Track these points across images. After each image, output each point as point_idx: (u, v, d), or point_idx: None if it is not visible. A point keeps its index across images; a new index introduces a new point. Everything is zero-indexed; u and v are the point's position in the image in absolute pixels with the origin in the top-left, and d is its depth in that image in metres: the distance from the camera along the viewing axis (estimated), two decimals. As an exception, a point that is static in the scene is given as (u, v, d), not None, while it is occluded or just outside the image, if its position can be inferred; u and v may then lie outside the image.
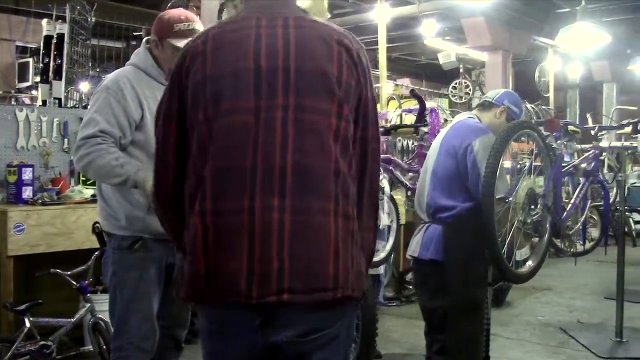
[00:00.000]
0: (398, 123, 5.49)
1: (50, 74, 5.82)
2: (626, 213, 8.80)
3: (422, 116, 4.18)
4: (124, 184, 3.05)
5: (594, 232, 6.78)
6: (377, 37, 8.63)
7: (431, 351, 3.77)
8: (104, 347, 4.24)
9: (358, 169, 2.00)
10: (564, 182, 4.59)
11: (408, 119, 6.88)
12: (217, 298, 1.88)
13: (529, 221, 3.57)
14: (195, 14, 3.32)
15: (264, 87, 1.89)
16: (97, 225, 3.54)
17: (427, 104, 4.42)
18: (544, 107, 11.35)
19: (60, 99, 5.70)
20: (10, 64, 10.22)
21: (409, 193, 4.46)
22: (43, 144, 5.26)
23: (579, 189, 4.67)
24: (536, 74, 13.33)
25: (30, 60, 8.94)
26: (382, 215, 4.24)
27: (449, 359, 3.67)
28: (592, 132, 5.08)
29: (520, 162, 3.97)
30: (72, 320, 4.32)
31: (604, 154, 5.65)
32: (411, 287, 6.77)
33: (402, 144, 7.42)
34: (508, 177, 3.69)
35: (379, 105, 8.29)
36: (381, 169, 4.23)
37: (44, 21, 6.13)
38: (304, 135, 1.88)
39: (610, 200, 5.89)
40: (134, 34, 8.19)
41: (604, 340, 5.69)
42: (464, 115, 4.00)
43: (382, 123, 4.68)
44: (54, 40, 5.83)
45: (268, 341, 1.91)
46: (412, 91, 4.26)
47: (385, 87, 8.52)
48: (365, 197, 2.04)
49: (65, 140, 5.35)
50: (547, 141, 3.89)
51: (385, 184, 4.21)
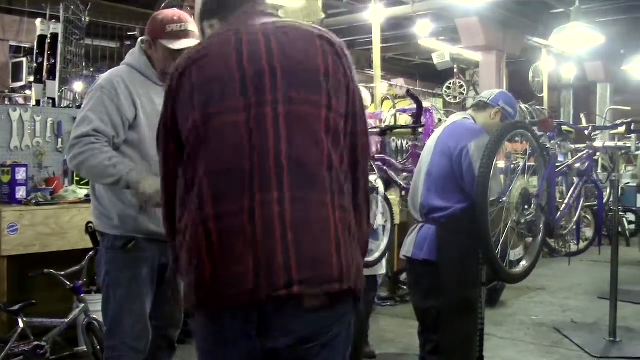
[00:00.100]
0: (392, 123, 5.49)
1: (44, 73, 5.82)
2: (620, 213, 8.82)
3: (420, 117, 4.17)
4: (116, 184, 3.05)
5: (588, 232, 6.81)
6: (371, 37, 8.63)
7: (425, 351, 3.78)
8: (98, 347, 4.24)
9: (349, 164, 2.00)
10: (558, 182, 4.59)
11: (402, 119, 6.89)
12: (225, 301, 1.85)
13: (522, 221, 3.57)
14: (189, 14, 3.31)
15: (250, 90, 1.89)
16: (91, 225, 3.53)
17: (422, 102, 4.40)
18: (537, 107, 11.39)
19: (54, 99, 5.69)
20: (4, 64, 10.17)
21: (403, 193, 4.45)
22: (37, 143, 5.25)
23: (572, 189, 4.66)
24: (530, 74, 13.34)
25: (24, 60, 8.90)
26: (377, 215, 4.24)
27: (443, 359, 3.67)
28: (586, 132, 5.08)
29: (514, 162, 3.96)
30: (66, 320, 4.32)
31: (598, 154, 5.66)
32: (405, 287, 6.77)
33: (397, 144, 7.43)
34: (502, 177, 3.69)
35: (373, 105, 8.29)
36: (375, 169, 4.23)
37: (38, 21, 6.11)
38: (296, 129, 1.89)
39: (604, 200, 5.90)
40: (128, 33, 8.17)
41: (597, 340, 5.71)
42: (459, 115, 4.00)
43: (377, 123, 4.65)
44: (48, 40, 5.82)
45: (267, 347, 1.90)
46: (409, 91, 4.24)
47: (380, 87, 8.52)
48: (359, 192, 2.05)
49: (59, 140, 5.34)
50: (541, 141, 3.89)
51: (379, 183, 4.20)
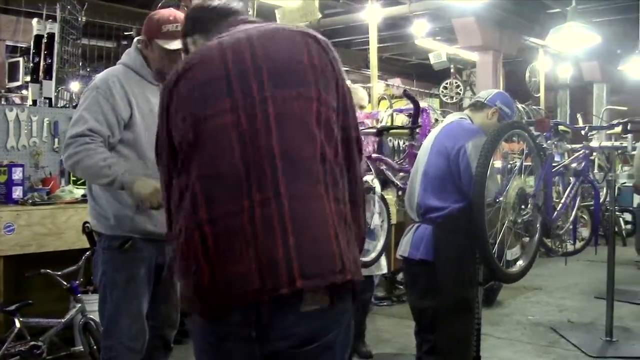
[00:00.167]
0: (389, 123, 5.48)
1: (41, 73, 5.82)
2: (616, 213, 8.82)
3: (417, 117, 4.17)
4: (111, 185, 3.05)
5: (585, 232, 6.81)
6: (368, 37, 8.64)
7: (421, 351, 3.78)
8: (95, 347, 4.24)
9: (344, 158, 1.99)
10: (555, 182, 4.60)
11: (399, 119, 6.90)
12: (229, 302, 1.84)
13: (519, 221, 3.57)
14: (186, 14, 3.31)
15: (237, 92, 1.90)
16: (88, 225, 3.53)
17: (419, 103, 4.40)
18: (534, 107, 11.40)
19: (50, 99, 5.69)
20: (0, 64, 10.17)
21: (400, 193, 4.45)
22: (33, 143, 5.25)
23: (569, 188, 4.67)
24: (527, 74, 13.37)
25: (21, 59, 8.91)
26: (373, 215, 4.24)
27: (440, 359, 3.67)
28: (583, 132, 5.08)
29: (510, 162, 3.97)
30: (63, 320, 4.31)
31: (594, 153, 5.66)
32: (402, 287, 6.77)
33: (393, 144, 7.43)
34: (499, 176, 3.69)
35: (370, 105, 8.30)
36: (372, 168, 4.23)
37: (34, 21, 6.12)
38: (287, 125, 1.88)
39: (601, 200, 5.91)
40: (125, 33, 8.15)
41: (594, 340, 5.71)
42: (456, 115, 4.00)
43: (373, 123, 4.65)
44: (45, 40, 5.83)
45: (266, 351, 1.89)
46: (405, 92, 4.24)
47: (376, 87, 8.52)
48: (355, 187, 2.04)
49: (56, 140, 5.34)
50: (537, 141, 3.89)
51: (376, 183, 4.20)
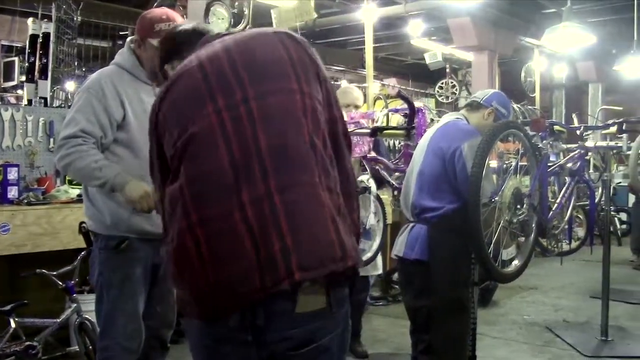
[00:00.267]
0: (385, 122, 5.48)
1: (36, 73, 5.81)
2: (612, 213, 8.84)
3: (413, 118, 4.17)
4: (102, 187, 3.06)
5: (580, 232, 6.83)
6: (363, 37, 8.63)
7: (417, 351, 3.78)
8: (90, 347, 4.23)
9: (333, 150, 1.99)
10: (550, 182, 4.60)
11: (395, 119, 6.89)
12: (228, 304, 1.83)
13: (515, 221, 3.57)
14: (181, 14, 3.31)
15: (218, 94, 1.90)
16: (84, 225, 3.53)
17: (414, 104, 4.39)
18: (530, 107, 11.41)
19: (46, 99, 5.68)
20: (-4, 63, 10.16)
21: (396, 192, 4.45)
22: (29, 143, 5.24)
23: (564, 188, 4.68)
24: (522, 74, 13.37)
25: (16, 59, 8.87)
26: (369, 215, 4.24)
27: (435, 358, 3.68)
28: (578, 132, 5.10)
29: (506, 162, 3.97)
30: (58, 320, 4.30)
31: (590, 153, 5.67)
32: (398, 286, 6.77)
33: (389, 144, 7.43)
34: (494, 176, 3.70)
35: (366, 105, 8.29)
36: (367, 168, 4.24)
37: (30, 20, 6.10)
38: (272, 118, 1.89)
39: (596, 200, 5.92)
40: (120, 33, 8.16)
41: (589, 339, 5.72)
42: (452, 115, 4.00)
43: (369, 123, 4.64)
44: (40, 40, 5.81)
45: (263, 355, 1.89)
46: (399, 92, 4.23)
47: (372, 87, 8.52)
48: (347, 179, 2.04)
49: (51, 139, 5.33)
50: (533, 141, 3.89)
51: (371, 183, 4.21)
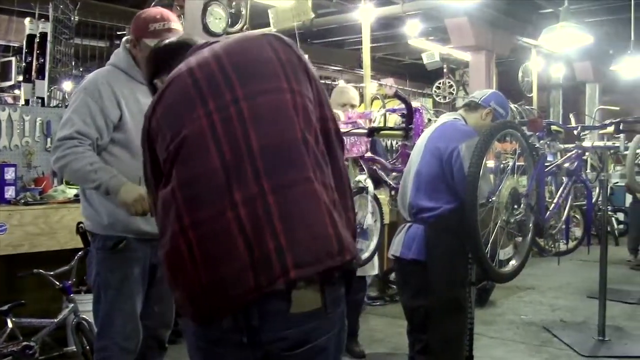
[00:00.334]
0: (382, 122, 5.48)
1: (33, 73, 5.79)
2: (609, 212, 8.84)
3: (411, 119, 4.16)
4: (97, 189, 3.05)
5: (577, 232, 6.83)
6: (361, 37, 8.63)
7: (414, 350, 3.78)
8: (87, 347, 4.22)
9: (325, 147, 1.99)
10: (547, 182, 4.61)
11: (392, 119, 6.89)
12: (223, 305, 1.83)
13: (512, 221, 3.57)
14: (179, 14, 3.30)
15: (208, 97, 1.90)
16: (82, 225, 3.52)
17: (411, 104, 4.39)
18: (527, 107, 11.41)
19: (43, 99, 5.67)
20: (-7, 63, 10.15)
21: (393, 192, 4.45)
22: (26, 143, 5.24)
23: (562, 188, 4.69)
24: (519, 74, 13.38)
25: (13, 59, 8.87)
26: (366, 215, 4.24)
27: (432, 358, 3.68)
28: (575, 132, 5.10)
29: (503, 162, 3.97)
30: (55, 320, 4.30)
31: (587, 153, 5.68)
32: (395, 286, 6.78)
33: (386, 144, 7.43)
34: (491, 176, 3.70)
35: (363, 105, 8.29)
36: (365, 168, 4.24)
37: (27, 20, 6.09)
38: (262, 118, 1.88)
39: (593, 200, 5.93)
40: (118, 33, 8.14)
41: (586, 339, 5.73)
42: (450, 115, 4.00)
43: (366, 123, 4.65)
44: (37, 39, 5.80)
45: (259, 355, 1.89)
46: (396, 92, 4.22)
47: (369, 86, 8.52)
48: (341, 178, 2.03)
49: (48, 139, 5.32)
50: (530, 141, 3.90)
51: (369, 183, 4.21)
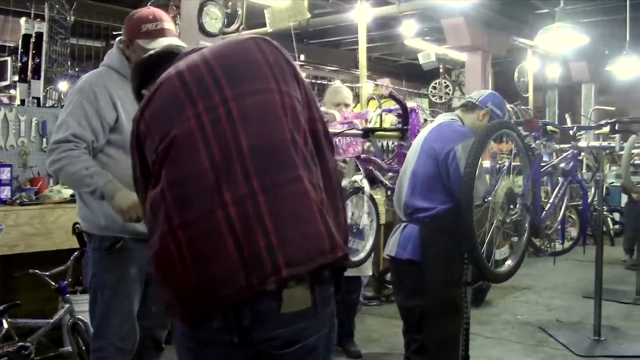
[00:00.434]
0: (378, 123, 5.47)
1: (29, 73, 5.79)
2: (605, 213, 8.85)
3: (407, 120, 4.16)
4: (92, 194, 3.04)
5: (573, 232, 6.84)
6: (357, 37, 8.62)
7: (409, 350, 3.78)
8: (83, 347, 4.21)
9: (315, 148, 1.99)
10: (543, 182, 4.61)
11: (388, 119, 6.90)
12: (213, 305, 1.82)
13: (508, 221, 3.58)
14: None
15: (197, 98, 1.90)
16: (78, 226, 3.51)
17: (407, 104, 4.39)
18: (523, 107, 11.42)
19: (38, 99, 5.67)
20: (-12, 63, 10.13)
21: (389, 193, 4.46)
22: (21, 143, 5.23)
23: (557, 188, 4.69)
24: (515, 74, 13.39)
25: (9, 59, 8.85)
26: (362, 215, 4.24)
27: (428, 358, 3.68)
28: (571, 132, 5.12)
29: (499, 162, 3.97)
30: (51, 321, 4.28)
31: (583, 153, 5.69)
32: (391, 286, 6.77)
33: (382, 144, 7.43)
34: (487, 176, 3.70)
35: (359, 105, 8.29)
36: (361, 168, 4.24)
37: (23, 20, 6.08)
38: (251, 118, 1.89)
39: (589, 200, 5.94)
40: (114, 33, 8.13)
41: (582, 339, 5.74)
42: (447, 116, 4.00)
43: (363, 123, 4.65)
44: (33, 39, 5.79)
45: (249, 355, 1.89)
46: (391, 93, 4.22)
47: (365, 87, 8.52)
48: (329, 179, 2.03)
49: (44, 139, 5.31)
50: (526, 141, 3.90)
51: (365, 183, 4.21)
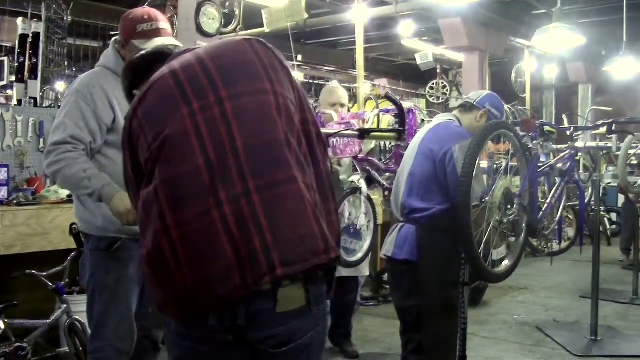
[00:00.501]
0: (375, 123, 5.47)
1: (26, 73, 5.77)
2: (602, 213, 8.88)
3: (404, 120, 4.16)
4: (90, 196, 3.03)
5: (570, 232, 6.85)
6: (354, 38, 8.64)
7: (407, 351, 3.78)
8: (80, 348, 4.21)
9: (308, 150, 2.00)
10: (540, 182, 4.62)
11: (386, 120, 6.91)
12: (209, 304, 1.82)
13: (505, 221, 3.58)
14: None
15: (192, 98, 1.90)
16: (75, 226, 3.51)
17: (404, 104, 4.39)
18: (520, 107, 11.44)
19: (35, 99, 5.65)
20: (-15, 63, 10.12)
21: (386, 193, 4.46)
22: (18, 143, 5.22)
23: (554, 188, 4.70)
24: (513, 75, 13.41)
25: (5, 59, 8.84)
26: (360, 215, 4.25)
27: (425, 358, 3.68)
28: (568, 133, 5.12)
29: (496, 162, 3.98)
30: (48, 321, 4.28)
31: (580, 154, 5.70)
32: (388, 286, 6.78)
33: (380, 144, 7.43)
34: (485, 177, 3.70)
35: (356, 105, 8.30)
36: (358, 169, 4.24)
37: (19, 20, 6.06)
38: (246, 118, 1.89)
39: (586, 200, 5.95)
40: (111, 33, 8.11)
41: (579, 339, 5.74)
42: (444, 117, 3.99)
43: (360, 124, 4.66)
44: (30, 39, 5.78)
45: (244, 354, 1.89)
46: (387, 94, 4.23)
47: (363, 87, 8.53)
48: (322, 180, 2.03)
49: (41, 140, 5.30)
50: (523, 141, 3.90)
51: (362, 184, 4.21)
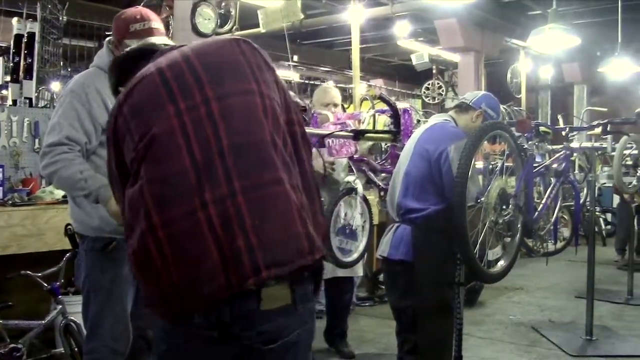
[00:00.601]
0: (371, 124, 5.47)
1: (21, 73, 5.77)
2: (597, 213, 8.89)
3: (398, 121, 4.16)
4: (86, 198, 3.03)
5: (565, 232, 6.86)
6: (350, 38, 8.62)
7: (403, 351, 3.78)
8: (76, 349, 4.20)
9: (294, 151, 2.00)
10: (536, 183, 4.63)
11: (381, 120, 6.91)
12: (194, 303, 1.82)
13: (500, 221, 3.58)
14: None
15: (178, 96, 1.90)
16: (70, 227, 3.50)
17: (400, 105, 4.40)
18: (515, 108, 11.44)
19: (31, 99, 5.65)
20: (-20, 63, 10.10)
21: (382, 193, 4.46)
22: (13, 144, 5.21)
23: (550, 189, 4.71)
24: (508, 75, 13.41)
25: (0, 59, 8.84)
26: (355, 215, 4.25)
27: (421, 358, 3.68)
28: (563, 133, 5.13)
29: (492, 163, 3.98)
30: (43, 322, 4.27)
31: (575, 154, 5.70)
32: (384, 287, 6.78)
33: (380, 143, 7.43)
34: (480, 177, 3.71)
35: (352, 105, 8.29)
36: (354, 169, 4.24)
37: (14, 20, 6.06)
38: (232, 118, 1.89)
39: (581, 201, 5.95)
40: (106, 33, 8.11)
41: (574, 339, 5.75)
42: (440, 117, 4.00)
43: (356, 124, 4.65)
44: (25, 39, 5.77)
45: (231, 352, 1.89)
46: (381, 96, 4.23)
47: (359, 87, 8.52)
48: (307, 181, 2.03)
49: (36, 140, 5.29)
50: (518, 142, 3.90)
51: (358, 184, 4.21)
